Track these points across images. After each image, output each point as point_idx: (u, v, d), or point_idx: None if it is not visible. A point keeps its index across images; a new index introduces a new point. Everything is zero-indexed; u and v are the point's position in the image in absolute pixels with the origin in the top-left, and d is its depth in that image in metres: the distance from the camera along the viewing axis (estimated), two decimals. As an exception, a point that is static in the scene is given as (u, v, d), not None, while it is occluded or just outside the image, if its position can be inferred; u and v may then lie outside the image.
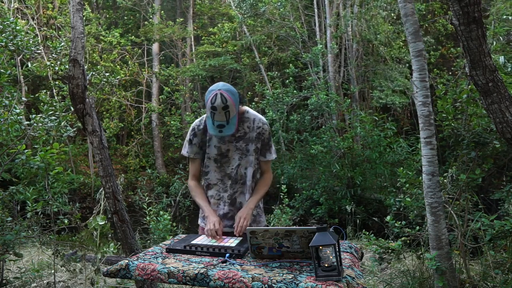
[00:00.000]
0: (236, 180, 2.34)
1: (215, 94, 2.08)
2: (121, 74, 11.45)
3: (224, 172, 2.33)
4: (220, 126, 2.10)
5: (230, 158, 2.31)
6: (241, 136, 2.31)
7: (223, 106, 2.06)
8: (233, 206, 2.35)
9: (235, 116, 2.13)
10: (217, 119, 2.09)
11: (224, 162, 2.32)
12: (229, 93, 2.10)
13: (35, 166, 3.61)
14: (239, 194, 2.35)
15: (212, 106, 2.07)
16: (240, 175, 2.33)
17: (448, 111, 3.36)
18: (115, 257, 4.51)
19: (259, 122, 2.33)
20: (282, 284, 1.55)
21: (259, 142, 2.34)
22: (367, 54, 10.31)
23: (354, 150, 8.52)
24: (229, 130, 2.11)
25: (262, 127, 2.33)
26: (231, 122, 2.11)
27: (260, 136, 2.34)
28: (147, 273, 1.75)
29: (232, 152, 2.31)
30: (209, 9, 13.93)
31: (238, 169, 2.32)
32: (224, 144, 2.30)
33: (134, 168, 12.68)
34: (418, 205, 3.79)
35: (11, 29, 4.09)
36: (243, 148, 2.32)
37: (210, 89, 2.13)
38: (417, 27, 3.08)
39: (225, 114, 2.08)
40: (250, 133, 2.32)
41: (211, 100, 2.08)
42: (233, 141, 2.30)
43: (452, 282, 3.08)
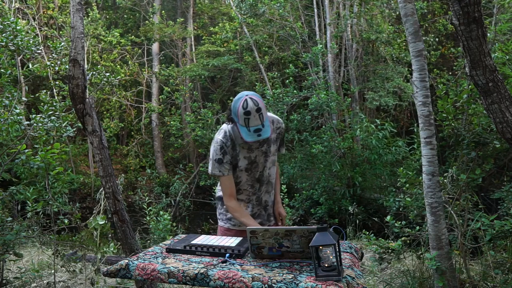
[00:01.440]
0: (263, 182, 2.41)
1: (245, 99, 2.08)
2: (121, 74, 11.45)
3: (254, 178, 2.38)
4: (257, 130, 2.10)
5: (258, 163, 2.37)
6: (264, 140, 2.34)
7: (256, 108, 2.07)
8: (259, 205, 2.44)
9: (268, 119, 2.15)
10: (252, 124, 2.08)
11: (253, 168, 2.37)
12: (257, 96, 2.13)
13: (35, 166, 3.61)
14: (265, 194, 2.44)
15: (246, 111, 2.07)
16: (266, 176, 2.41)
17: (449, 111, 3.36)
18: (115, 257, 4.51)
19: (277, 123, 2.41)
20: (282, 284, 1.55)
21: (279, 140, 2.44)
22: (367, 54, 10.31)
23: (354, 150, 8.52)
24: (266, 133, 2.11)
25: (281, 126, 2.43)
26: (265, 124, 2.12)
27: (279, 136, 2.43)
28: (147, 273, 1.75)
29: (259, 157, 2.36)
30: (209, 8, 13.92)
31: (264, 171, 2.39)
32: (252, 153, 2.33)
33: (134, 168, 12.68)
34: (418, 205, 3.79)
35: (12, 29, 4.09)
36: (267, 150, 2.38)
37: (237, 98, 2.13)
38: (417, 27, 3.08)
39: (259, 117, 2.08)
40: (272, 134, 2.37)
41: (242, 106, 2.07)
42: (259, 147, 2.34)
43: (452, 282, 3.08)
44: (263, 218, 2.46)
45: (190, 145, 12.57)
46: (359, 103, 10.26)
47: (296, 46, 10.35)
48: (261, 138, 2.10)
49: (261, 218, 2.44)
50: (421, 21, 10.05)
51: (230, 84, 12.98)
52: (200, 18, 14.35)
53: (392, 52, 9.67)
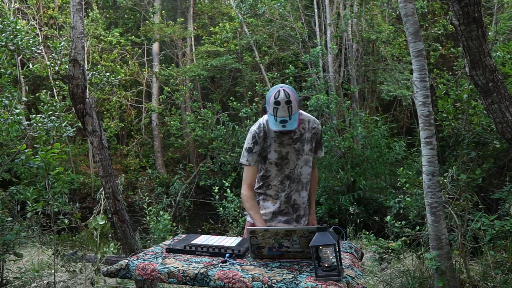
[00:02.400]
0: (294, 180, 2.42)
1: (278, 90, 2.18)
2: (121, 74, 11.45)
3: (284, 174, 2.40)
4: (283, 122, 2.17)
5: (290, 160, 2.39)
6: (298, 137, 2.39)
7: (286, 100, 2.14)
8: (287, 203, 2.44)
9: (297, 113, 2.20)
10: (280, 114, 2.16)
11: (284, 164, 2.39)
12: (291, 90, 2.20)
13: (35, 166, 3.61)
14: (295, 192, 2.44)
15: (276, 101, 2.15)
16: (297, 175, 2.42)
17: (449, 111, 3.36)
18: (115, 257, 4.51)
19: (313, 123, 2.45)
20: (282, 284, 1.55)
21: (314, 141, 2.46)
22: (367, 54, 10.31)
23: (354, 150, 8.52)
24: (292, 125, 2.18)
25: (317, 127, 2.45)
26: (293, 118, 2.18)
27: (315, 136, 2.45)
28: (147, 273, 1.75)
29: (290, 154, 2.38)
30: (209, 8, 13.91)
31: (295, 169, 2.40)
32: (284, 148, 2.37)
33: (134, 168, 12.67)
34: (418, 205, 3.79)
35: (11, 29, 4.09)
36: (300, 148, 2.40)
37: (273, 88, 2.23)
38: (417, 27, 3.08)
39: (288, 109, 2.15)
40: (306, 133, 2.41)
41: (274, 96, 2.17)
42: (291, 144, 2.37)
43: (452, 282, 3.08)
44: (290, 217, 2.44)
45: (190, 145, 12.57)
46: (359, 103, 10.25)
47: (296, 46, 10.35)
48: (285, 129, 2.17)
49: (288, 216, 2.43)
50: (421, 21, 10.04)
51: (230, 84, 12.97)
52: (200, 18, 14.34)
53: (393, 52, 9.67)
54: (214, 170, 11.34)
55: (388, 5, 9.50)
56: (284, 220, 2.41)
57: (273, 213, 2.42)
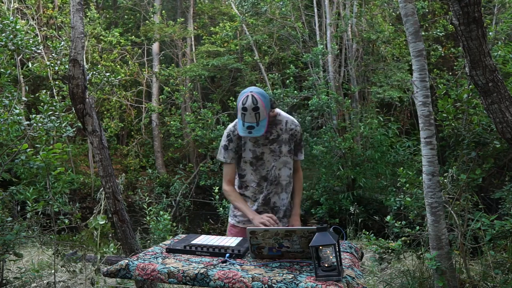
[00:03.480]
0: (271, 182, 2.39)
1: (247, 95, 2.16)
2: (121, 74, 11.45)
3: (260, 175, 2.39)
4: (249, 128, 2.17)
5: (265, 160, 2.37)
6: (274, 138, 2.37)
7: (254, 107, 2.13)
8: (266, 206, 2.42)
9: (265, 119, 2.18)
10: (247, 120, 2.16)
11: (259, 165, 2.38)
12: (260, 95, 2.17)
13: (35, 166, 3.61)
14: (273, 195, 2.41)
15: (243, 107, 2.15)
16: (275, 176, 2.39)
17: (449, 111, 3.36)
18: (115, 257, 4.51)
19: (291, 124, 2.41)
20: (282, 284, 1.55)
21: (292, 143, 2.42)
22: (367, 53, 10.30)
23: (355, 150, 8.52)
24: (258, 132, 2.17)
25: (294, 129, 2.41)
26: (260, 124, 2.17)
27: (293, 138, 2.42)
28: (147, 273, 1.75)
29: (266, 154, 2.37)
30: (209, 8, 13.91)
31: (272, 171, 2.38)
32: (259, 148, 2.36)
33: (134, 168, 12.67)
34: (418, 205, 3.78)
35: (11, 29, 4.09)
36: (276, 150, 2.38)
37: (243, 92, 2.22)
38: (417, 27, 3.08)
39: (255, 116, 2.14)
40: (283, 135, 2.38)
41: (242, 101, 2.16)
42: (267, 144, 2.36)
43: (452, 282, 3.08)
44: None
45: (190, 145, 12.57)
46: (360, 103, 10.25)
47: (296, 46, 10.34)
48: (251, 135, 2.17)
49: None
50: (421, 21, 10.04)
51: (230, 84, 12.97)
52: (200, 18, 14.34)
53: (393, 51, 9.67)
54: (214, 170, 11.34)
55: (389, 5, 9.50)
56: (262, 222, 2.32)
57: None
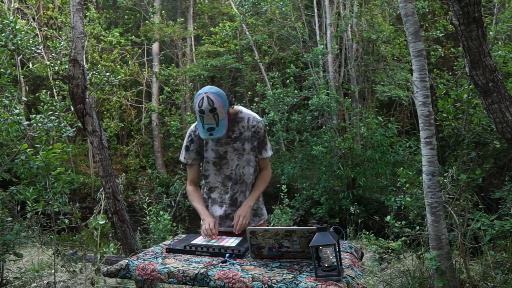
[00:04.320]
0: (236, 181, 2.34)
1: (202, 97, 2.09)
2: (121, 74, 11.45)
3: (224, 174, 2.34)
4: (210, 129, 2.11)
5: (229, 159, 2.32)
6: (237, 136, 2.32)
7: (210, 108, 2.07)
8: (234, 206, 2.36)
9: (225, 118, 2.12)
10: (206, 122, 2.10)
11: (223, 164, 2.33)
12: (216, 95, 2.10)
13: (35, 166, 3.61)
14: (240, 194, 2.37)
15: (200, 109, 2.08)
16: (239, 175, 2.34)
17: (449, 111, 3.36)
18: (115, 257, 4.51)
19: (253, 120, 2.34)
20: (282, 284, 1.54)
21: (255, 140, 2.35)
22: (367, 53, 10.31)
23: (354, 150, 8.52)
24: (219, 133, 2.12)
25: (256, 125, 2.34)
26: (220, 124, 2.11)
27: (256, 135, 2.35)
28: (147, 273, 1.75)
29: (230, 153, 2.32)
30: (209, 8, 13.91)
31: (237, 170, 2.33)
32: (222, 147, 2.31)
33: (134, 168, 12.68)
34: (418, 205, 3.78)
35: (11, 29, 4.09)
36: (240, 148, 2.32)
37: (198, 93, 2.14)
38: (417, 27, 3.08)
39: (214, 117, 2.09)
40: (245, 132, 2.33)
41: (198, 104, 2.09)
42: (230, 143, 2.31)
43: (452, 282, 3.08)
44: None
45: (190, 145, 12.54)
46: (360, 103, 10.25)
47: (296, 46, 10.34)
48: (213, 137, 2.13)
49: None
50: (421, 21, 10.04)
51: (230, 84, 12.98)
52: (200, 18, 14.34)
53: (393, 51, 9.67)
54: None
55: (389, 5, 9.50)
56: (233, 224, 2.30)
57: (220, 218, 2.35)
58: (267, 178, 2.45)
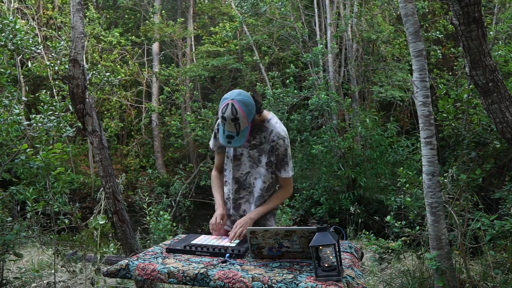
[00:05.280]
0: (243, 187, 2.30)
1: (227, 104, 2.01)
2: (121, 74, 11.45)
3: (234, 175, 2.30)
4: (229, 137, 2.05)
5: (242, 162, 2.28)
6: (256, 144, 2.24)
7: (233, 118, 2.00)
8: (236, 211, 2.33)
9: (247, 128, 2.05)
10: (227, 129, 2.04)
11: (236, 165, 2.29)
12: (242, 104, 2.01)
13: (35, 166, 3.61)
14: (245, 202, 2.32)
15: (222, 116, 2.01)
16: (248, 183, 2.29)
17: (449, 111, 3.36)
18: (115, 257, 4.51)
19: (274, 135, 2.19)
20: (282, 284, 1.54)
21: (273, 156, 2.22)
22: (367, 53, 10.31)
23: (354, 150, 8.52)
24: (238, 142, 2.05)
25: (276, 141, 2.19)
26: (241, 134, 2.04)
27: (274, 151, 2.21)
28: (147, 273, 1.75)
29: (244, 157, 2.27)
30: (209, 8, 13.91)
31: (247, 176, 2.28)
32: (240, 147, 2.26)
33: (134, 168, 12.68)
34: (418, 205, 3.79)
35: (10, 28, 4.08)
36: (255, 157, 2.25)
37: (224, 97, 2.06)
38: (417, 27, 3.08)
39: (235, 126, 2.02)
40: (265, 144, 2.22)
41: (222, 110, 2.02)
42: (248, 147, 2.25)
43: (452, 282, 3.08)
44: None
45: (190, 145, 12.57)
46: (360, 103, 10.26)
47: (296, 46, 10.34)
48: (230, 145, 2.07)
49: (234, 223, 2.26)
50: (421, 21, 10.04)
51: (230, 84, 12.97)
52: (200, 18, 14.34)
53: (393, 51, 9.67)
54: (214, 170, 11.32)
55: (389, 5, 9.50)
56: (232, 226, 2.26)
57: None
58: (282, 196, 2.33)
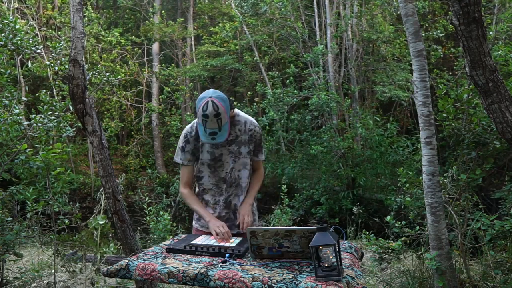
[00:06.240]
0: (230, 184, 2.34)
1: (206, 101, 2.07)
2: (121, 74, 11.45)
3: (219, 177, 2.33)
4: (212, 134, 2.11)
5: (224, 162, 2.32)
6: (233, 139, 2.32)
7: (215, 113, 2.06)
8: (228, 208, 2.36)
9: (227, 123, 2.13)
10: (209, 126, 2.09)
11: (218, 167, 2.32)
12: (220, 100, 2.09)
13: (35, 166, 3.61)
14: (234, 197, 2.37)
15: (204, 114, 2.07)
16: (234, 178, 2.35)
17: (449, 111, 3.36)
18: (115, 257, 4.51)
19: (250, 124, 2.35)
20: (282, 284, 1.54)
21: (252, 144, 2.37)
22: (368, 53, 10.31)
23: (354, 150, 8.52)
24: (222, 137, 2.12)
25: (254, 129, 2.36)
26: (223, 129, 2.11)
27: (252, 138, 2.36)
28: (147, 273, 1.75)
29: (225, 156, 2.31)
30: (209, 8, 13.92)
31: (232, 173, 2.33)
32: (217, 149, 2.30)
33: (134, 168, 12.68)
34: (418, 205, 3.79)
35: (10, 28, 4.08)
36: (235, 151, 2.33)
37: (201, 97, 2.12)
38: (417, 27, 3.08)
39: (217, 122, 2.08)
40: (242, 136, 2.33)
41: (202, 108, 2.07)
42: (226, 145, 2.31)
43: (452, 282, 3.08)
44: (232, 222, 2.36)
45: (190, 145, 12.54)
46: (360, 103, 10.25)
47: (296, 46, 10.34)
48: (214, 142, 2.12)
49: (230, 222, 2.35)
50: (422, 21, 10.04)
51: (230, 84, 12.98)
52: (200, 18, 14.34)
53: (393, 51, 9.67)
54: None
55: (389, 5, 9.50)
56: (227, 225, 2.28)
57: None
58: (260, 178, 2.48)
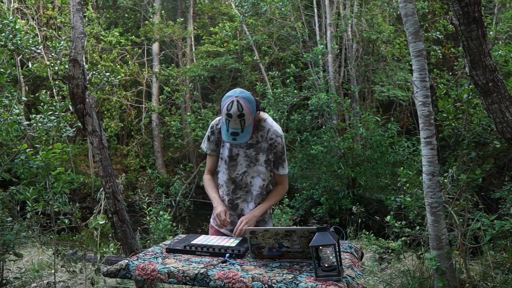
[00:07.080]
0: (240, 187, 2.30)
1: (232, 101, 2.03)
2: (121, 74, 11.44)
3: (229, 176, 2.30)
4: (234, 134, 2.07)
5: (238, 163, 2.28)
6: (252, 143, 2.26)
7: (239, 114, 2.02)
8: (233, 211, 2.32)
9: (251, 125, 2.08)
10: (232, 126, 2.05)
11: (231, 166, 2.29)
12: (246, 100, 2.05)
13: (35, 166, 3.61)
14: (242, 202, 2.31)
15: (228, 113, 2.02)
16: (245, 183, 2.29)
17: (449, 111, 3.36)
18: (115, 257, 4.51)
19: (272, 133, 2.25)
20: (282, 284, 1.54)
21: (271, 154, 2.27)
22: (367, 53, 10.31)
23: (354, 150, 8.52)
24: (243, 139, 2.08)
25: (275, 139, 2.25)
26: (245, 130, 2.07)
27: (272, 149, 2.27)
28: (147, 273, 1.75)
29: (240, 157, 2.27)
30: (209, 8, 13.91)
31: (243, 176, 2.28)
32: (235, 148, 2.27)
33: (134, 168, 12.68)
34: (418, 205, 3.79)
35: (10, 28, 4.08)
36: (252, 156, 2.26)
37: (227, 95, 2.08)
38: (417, 27, 3.08)
39: (240, 122, 2.04)
40: (262, 142, 2.26)
41: (227, 107, 2.03)
42: (244, 147, 2.26)
43: (452, 282, 3.08)
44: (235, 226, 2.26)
45: (190, 145, 12.57)
46: (359, 103, 10.25)
47: (296, 46, 10.34)
48: (235, 142, 2.09)
49: (233, 225, 2.29)
50: (422, 21, 10.04)
51: (230, 84, 12.97)
52: (200, 18, 14.34)
53: (393, 51, 9.67)
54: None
55: (389, 5, 9.50)
56: (230, 229, 2.30)
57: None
58: (280, 192, 2.38)
